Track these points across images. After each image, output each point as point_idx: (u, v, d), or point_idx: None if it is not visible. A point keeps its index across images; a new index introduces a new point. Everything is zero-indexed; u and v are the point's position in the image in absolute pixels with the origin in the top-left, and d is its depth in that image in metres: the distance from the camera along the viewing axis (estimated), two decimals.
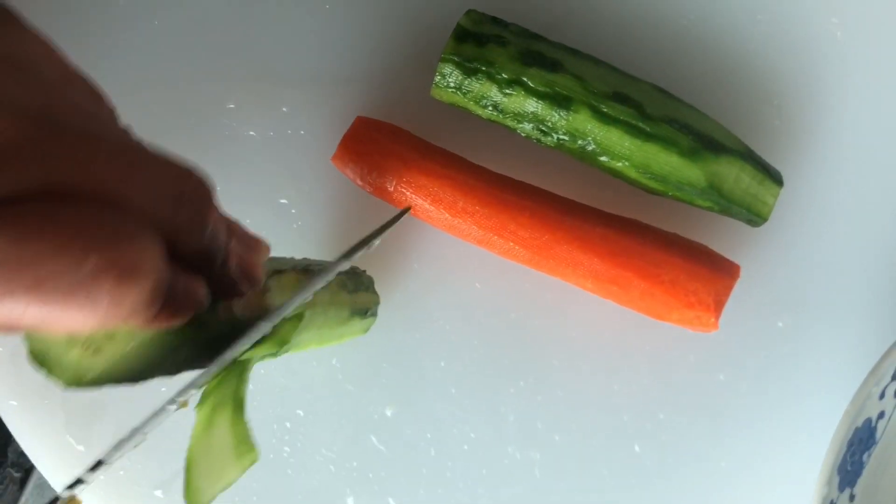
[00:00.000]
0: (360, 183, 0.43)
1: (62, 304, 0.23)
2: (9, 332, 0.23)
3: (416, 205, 0.42)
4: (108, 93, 0.46)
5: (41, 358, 0.27)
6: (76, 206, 0.23)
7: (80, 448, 0.45)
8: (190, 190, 0.26)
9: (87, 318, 0.23)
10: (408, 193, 0.42)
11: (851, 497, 0.42)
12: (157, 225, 0.25)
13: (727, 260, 0.42)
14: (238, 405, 0.31)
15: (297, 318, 0.35)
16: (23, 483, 0.50)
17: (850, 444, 0.40)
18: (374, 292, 0.43)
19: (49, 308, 0.23)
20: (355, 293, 0.41)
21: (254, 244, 0.34)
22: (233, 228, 0.31)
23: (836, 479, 0.40)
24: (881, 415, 0.42)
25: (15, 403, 0.45)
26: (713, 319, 0.41)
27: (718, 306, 0.41)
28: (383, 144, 0.42)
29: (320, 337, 0.39)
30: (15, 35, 0.25)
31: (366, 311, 0.42)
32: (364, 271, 0.43)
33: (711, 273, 0.41)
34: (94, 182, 0.24)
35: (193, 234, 0.27)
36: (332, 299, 0.39)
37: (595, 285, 0.42)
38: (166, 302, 0.26)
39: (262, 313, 0.34)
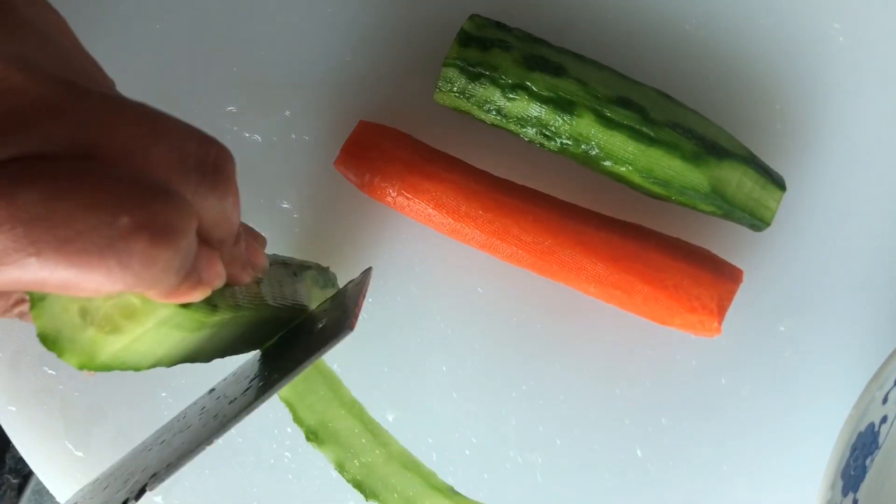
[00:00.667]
0: (362, 188, 0.42)
1: (92, 264, 0.22)
2: (37, 290, 0.23)
3: (418, 209, 0.42)
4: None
5: (53, 338, 0.26)
6: (106, 165, 0.23)
7: (79, 454, 0.45)
8: (213, 157, 0.26)
9: (117, 280, 0.23)
10: (410, 198, 0.42)
11: (854, 501, 0.42)
12: (182, 190, 0.25)
13: (730, 264, 0.42)
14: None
15: None
16: (21, 489, 0.50)
17: (854, 448, 0.40)
18: (337, 286, 0.43)
19: (78, 269, 0.22)
20: (325, 289, 0.41)
21: (255, 233, 0.34)
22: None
23: (840, 484, 0.40)
24: (884, 419, 0.42)
25: (13, 409, 0.45)
26: (716, 324, 0.41)
27: (721, 311, 0.41)
28: (386, 149, 0.42)
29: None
30: (38, 4, 0.25)
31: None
32: (328, 268, 0.43)
33: (715, 278, 0.41)
34: (122, 143, 0.23)
35: (216, 203, 0.26)
36: (308, 293, 0.40)
37: (598, 290, 0.42)
38: (189, 273, 0.25)
39: (260, 304, 0.34)
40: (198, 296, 0.27)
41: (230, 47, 0.46)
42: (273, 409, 0.44)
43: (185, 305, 0.28)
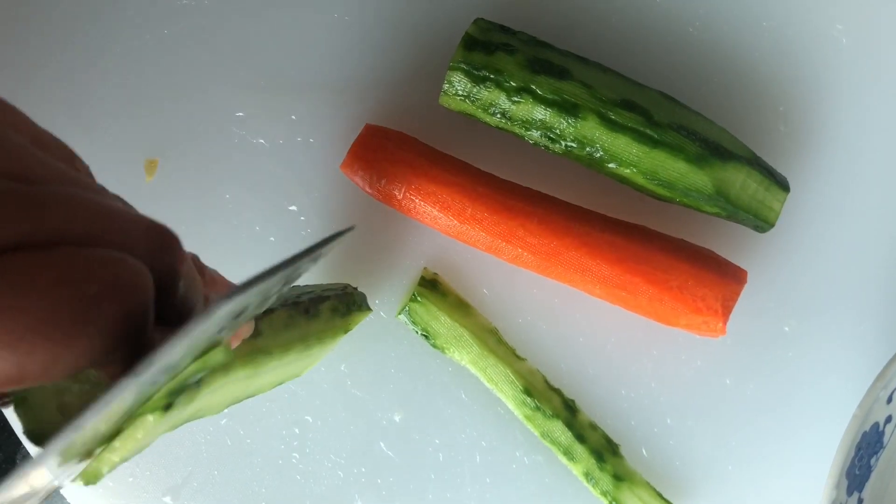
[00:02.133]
0: (368, 190, 0.43)
1: (72, 337, 0.23)
2: (18, 383, 0.23)
3: (424, 211, 0.42)
4: (117, 100, 0.47)
5: (38, 435, 0.27)
6: (62, 248, 0.23)
7: None
8: (160, 238, 0.26)
9: (96, 346, 0.23)
10: (416, 200, 0.42)
11: (860, 501, 0.42)
12: None
13: (734, 265, 0.42)
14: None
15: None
16: None
17: (859, 448, 0.41)
18: (368, 307, 0.43)
19: (57, 346, 0.22)
20: (348, 315, 0.41)
21: (219, 283, 0.34)
22: (199, 267, 0.31)
23: (845, 483, 0.40)
24: (889, 419, 0.42)
25: None
26: (721, 324, 0.41)
27: (726, 311, 0.41)
28: (392, 152, 0.42)
29: (310, 357, 0.39)
30: None
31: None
32: (356, 288, 0.43)
33: (719, 279, 0.41)
34: (73, 235, 0.24)
35: (169, 284, 0.27)
36: (325, 326, 0.39)
37: (603, 291, 0.42)
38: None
39: (256, 357, 0.34)
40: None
41: (237, 52, 0.46)
42: (281, 410, 0.45)
43: (167, 408, 0.28)
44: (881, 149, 0.45)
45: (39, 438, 0.27)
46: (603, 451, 0.43)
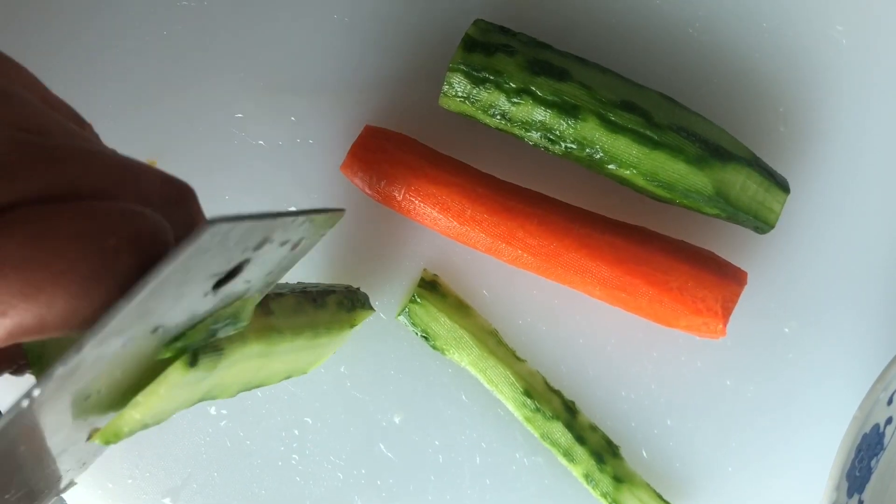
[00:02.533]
0: (368, 191, 0.43)
1: (90, 290, 0.23)
2: (37, 334, 0.23)
3: (424, 213, 0.42)
4: (116, 101, 0.47)
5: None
6: (79, 201, 0.23)
7: None
8: (176, 192, 0.27)
9: (113, 298, 0.23)
10: (416, 201, 0.42)
11: (860, 502, 0.42)
12: None
13: (734, 266, 0.42)
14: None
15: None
16: None
17: (859, 449, 0.41)
18: (370, 307, 0.43)
19: (76, 298, 0.23)
20: (353, 311, 0.41)
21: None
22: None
23: (845, 485, 0.40)
24: (889, 420, 0.42)
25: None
26: (721, 326, 0.41)
27: (726, 313, 0.41)
28: (392, 153, 0.42)
29: (316, 353, 0.39)
30: None
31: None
32: (358, 288, 0.43)
33: (719, 280, 0.41)
34: (90, 188, 0.24)
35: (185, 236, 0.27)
36: (332, 318, 0.39)
37: (603, 292, 0.42)
38: None
39: (270, 334, 0.34)
40: None
41: (237, 53, 0.46)
42: (280, 411, 0.45)
43: (193, 363, 0.28)
44: (881, 150, 0.45)
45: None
46: (603, 452, 0.43)
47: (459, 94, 0.40)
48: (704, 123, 0.41)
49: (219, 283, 0.27)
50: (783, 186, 0.42)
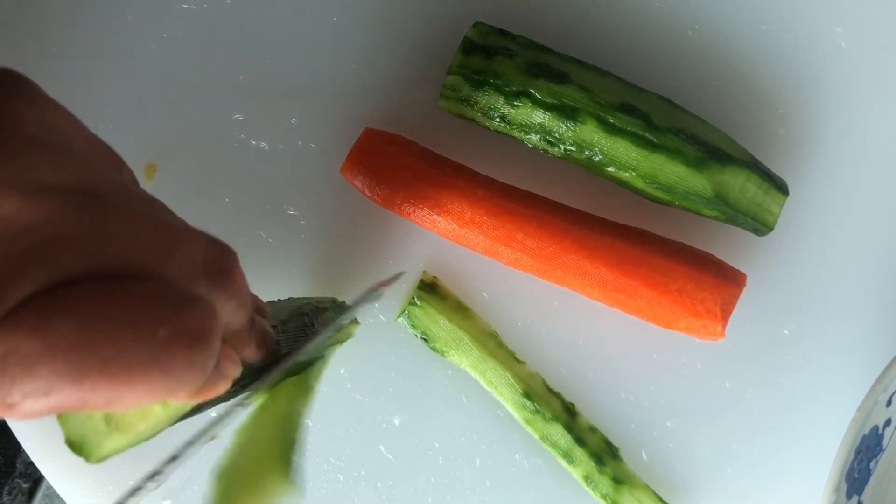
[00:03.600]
0: (368, 194, 0.43)
1: (135, 379, 0.23)
2: (77, 411, 0.23)
3: (423, 215, 0.42)
4: (116, 104, 0.47)
5: (80, 444, 0.28)
6: (131, 281, 0.23)
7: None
8: (219, 259, 0.26)
9: (159, 390, 0.23)
10: (415, 204, 0.42)
11: None
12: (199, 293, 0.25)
13: (733, 268, 0.42)
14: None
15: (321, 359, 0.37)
16: (31, 493, 0.50)
17: (858, 451, 0.41)
18: (356, 321, 0.44)
19: (122, 385, 0.23)
20: (340, 331, 0.42)
21: (263, 308, 0.34)
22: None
23: (844, 487, 0.40)
24: (888, 422, 0.42)
25: None
26: (720, 328, 0.41)
27: (725, 315, 0.41)
28: (391, 156, 0.42)
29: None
30: (40, 110, 0.25)
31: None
32: (343, 301, 0.43)
33: (718, 282, 0.41)
34: (140, 258, 0.24)
35: (227, 301, 0.27)
36: (323, 343, 0.40)
37: (602, 294, 0.42)
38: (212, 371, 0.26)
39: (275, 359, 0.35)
40: (220, 389, 0.27)
41: (237, 56, 0.46)
42: None
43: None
44: (881, 152, 0.45)
45: (81, 449, 0.27)
46: (602, 454, 0.43)
47: (459, 97, 0.40)
48: (703, 126, 0.41)
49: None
50: (782, 188, 0.42)
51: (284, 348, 0.36)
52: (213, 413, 0.34)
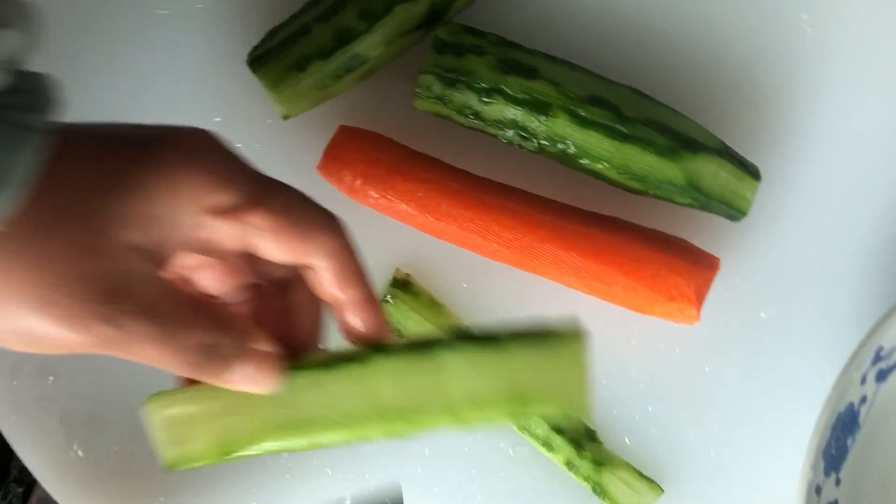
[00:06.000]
0: (345, 191, 0.43)
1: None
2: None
3: (400, 209, 0.43)
4: (97, 109, 0.47)
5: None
6: None
7: (82, 461, 0.46)
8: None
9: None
10: (391, 198, 0.42)
11: (837, 481, 0.43)
12: None
13: (706, 253, 0.43)
14: None
15: None
16: (25, 498, 0.51)
17: (834, 428, 0.41)
18: None
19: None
20: None
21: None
22: None
23: (822, 464, 0.41)
24: (863, 399, 0.43)
25: (14, 418, 0.45)
26: (695, 311, 0.42)
27: (700, 298, 0.42)
28: (367, 152, 0.43)
29: None
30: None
31: None
32: None
33: (692, 266, 0.42)
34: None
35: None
36: None
37: (578, 282, 0.43)
38: None
39: None
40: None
41: (214, 58, 0.46)
42: None
43: None
44: (850, 135, 0.46)
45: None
46: (580, 438, 0.44)
47: (433, 95, 0.41)
48: (674, 115, 0.42)
49: None
50: (754, 174, 0.43)
51: None
52: None
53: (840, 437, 0.42)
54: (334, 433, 0.32)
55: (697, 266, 0.42)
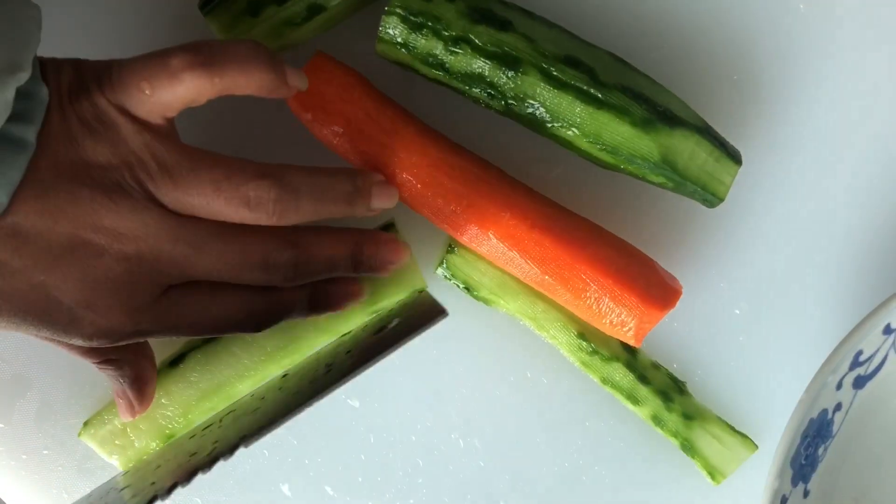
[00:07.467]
0: (316, 130, 0.40)
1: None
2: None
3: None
4: (52, 49, 0.44)
5: None
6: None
7: (2, 426, 0.43)
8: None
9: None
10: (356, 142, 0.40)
11: (805, 493, 0.40)
12: None
13: (667, 283, 0.40)
14: None
15: None
16: None
17: (805, 435, 0.39)
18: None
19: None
20: None
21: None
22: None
23: (790, 473, 0.38)
24: (838, 406, 0.40)
25: None
26: (632, 342, 0.39)
27: (641, 332, 0.39)
28: (343, 88, 0.40)
29: None
30: None
31: None
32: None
33: (640, 302, 0.39)
34: None
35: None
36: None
37: (531, 281, 0.40)
38: None
39: None
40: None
41: (168, 4, 0.44)
42: None
43: None
44: (837, 123, 0.44)
45: None
46: (669, 390, 0.42)
47: (396, 40, 0.38)
48: (654, 86, 0.39)
49: None
50: (735, 158, 0.40)
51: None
52: None
53: (811, 445, 0.39)
54: (241, 384, 0.42)
55: (646, 302, 0.38)
